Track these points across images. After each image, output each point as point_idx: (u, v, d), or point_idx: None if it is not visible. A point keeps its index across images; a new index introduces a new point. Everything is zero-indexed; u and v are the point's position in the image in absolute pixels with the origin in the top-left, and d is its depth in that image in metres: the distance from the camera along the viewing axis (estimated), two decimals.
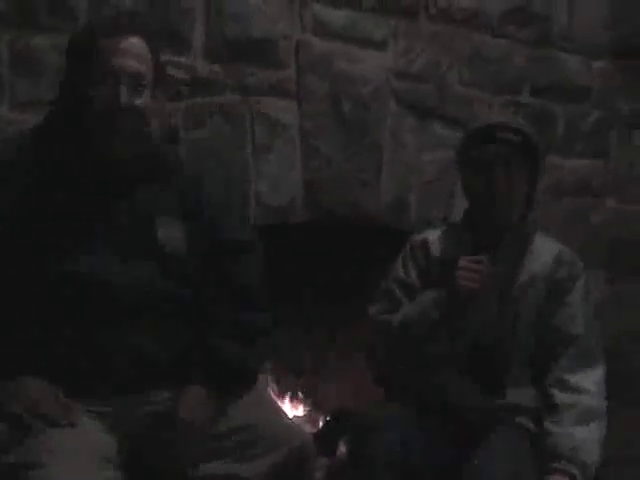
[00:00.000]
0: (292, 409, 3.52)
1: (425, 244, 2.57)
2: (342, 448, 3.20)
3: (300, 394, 3.58)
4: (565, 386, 2.40)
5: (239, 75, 2.91)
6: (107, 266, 2.03)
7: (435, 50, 3.36)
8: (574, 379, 2.40)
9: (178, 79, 2.78)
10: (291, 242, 3.04)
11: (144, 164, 2.11)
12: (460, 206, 3.29)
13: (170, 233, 2.11)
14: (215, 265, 2.16)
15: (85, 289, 2.00)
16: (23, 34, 2.50)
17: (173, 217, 2.12)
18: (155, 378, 2.06)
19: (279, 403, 3.37)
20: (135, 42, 2.06)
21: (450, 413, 2.42)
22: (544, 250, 2.53)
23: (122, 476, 1.92)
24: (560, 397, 2.39)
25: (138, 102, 2.04)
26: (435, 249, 2.56)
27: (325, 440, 3.18)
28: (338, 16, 3.12)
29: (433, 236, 2.59)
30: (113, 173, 2.06)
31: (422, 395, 2.46)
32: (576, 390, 2.40)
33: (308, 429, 3.23)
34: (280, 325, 2.34)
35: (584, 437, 2.35)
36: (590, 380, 2.42)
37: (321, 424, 3.45)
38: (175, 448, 2.00)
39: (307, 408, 3.57)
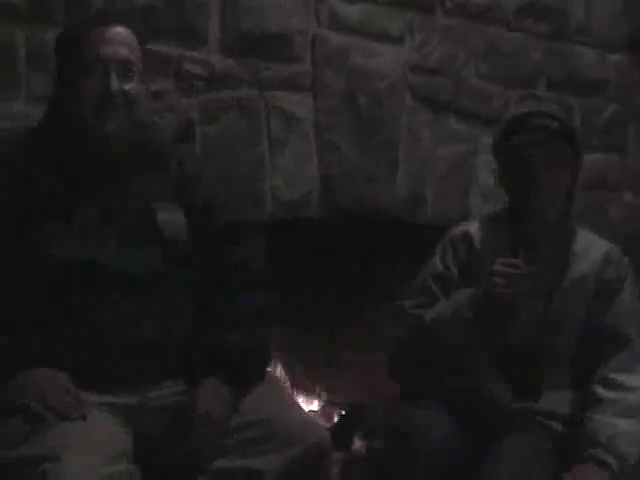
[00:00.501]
0: (307, 404, 3.52)
1: (467, 236, 2.47)
2: (357, 443, 3.21)
3: (317, 389, 3.59)
4: (611, 384, 2.34)
5: (254, 69, 2.90)
6: (107, 253, 2.02)
7: (451, 44, 3.35)
8: (621, 378, 2.34)
9: (193, 74, 2.77)
10: (303, 237, 3.04)
11: (138, 149, 2.12)
12: (475, 202, 3.31)
13: (170, 218, 2.11)
14: (213, 256, 2.16)
15: (87, 277, 2.00)
16: (38, 30, 2.50)
17: (172, 203, 2.13)
18: (161, 369, 2.06)
19: (295, 397, 3.37)
20: (121, 31, 2.08)
21: (459, 414, 2.36)
22: (592, 248, 2.45)
23: (137, 470, 1.91)
24: (604, 393, 2.32)
25: (128, 87, 2.05)
26: (477, 242, 2.46)
27: (340, 434, 3.19)
28: (354, 10, 3.12)
29: (473, 228, 2.49)
30: (107, 159, 2.07)
31: (435, 395, 2.40)
32: (621, 387, 2.33)
33: (323, 423, 3.23)
34: (281, 324, 2.33)
35: (625, 428, 2.28)
36: (638, 379, 2.36)
37: (336, 418, 3.45)
38: (192, 443, 2.00)
39: (322, 402, 3.57)
